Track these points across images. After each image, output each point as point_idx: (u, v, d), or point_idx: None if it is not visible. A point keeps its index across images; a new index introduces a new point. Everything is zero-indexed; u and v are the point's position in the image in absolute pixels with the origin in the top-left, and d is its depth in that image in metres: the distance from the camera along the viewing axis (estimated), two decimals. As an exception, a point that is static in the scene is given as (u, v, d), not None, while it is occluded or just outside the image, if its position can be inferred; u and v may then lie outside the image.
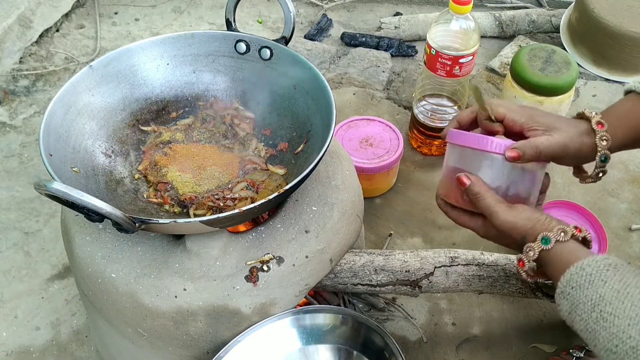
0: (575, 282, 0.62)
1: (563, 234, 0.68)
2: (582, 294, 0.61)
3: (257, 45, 0.97)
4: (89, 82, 0.91)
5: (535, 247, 0.68)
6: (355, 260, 0.93)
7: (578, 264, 0.63)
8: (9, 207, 1.30)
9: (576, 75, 1.19)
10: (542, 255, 0.68)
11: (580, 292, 0.62)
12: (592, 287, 0.61)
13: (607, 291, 0.60)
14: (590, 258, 0.64)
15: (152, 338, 0.83)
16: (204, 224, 0.73)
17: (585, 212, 1.20)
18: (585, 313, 0.61)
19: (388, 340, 0.82)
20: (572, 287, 0.62)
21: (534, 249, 0.69)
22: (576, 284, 0.62)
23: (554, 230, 0.68)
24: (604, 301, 0.59)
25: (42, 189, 0.65)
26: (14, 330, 1.10)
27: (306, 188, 0.89)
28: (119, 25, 1.82)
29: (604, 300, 0.59)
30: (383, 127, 1.27)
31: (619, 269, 0.61)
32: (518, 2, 1.81)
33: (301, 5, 1.87)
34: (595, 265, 0.62)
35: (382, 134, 1.26)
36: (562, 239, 0.67)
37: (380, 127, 1.28)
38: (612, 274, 0.61)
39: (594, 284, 0.61)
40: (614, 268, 0.62)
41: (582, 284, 0.62)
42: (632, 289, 0.59)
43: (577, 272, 0.63)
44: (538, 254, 0.68)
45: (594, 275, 0.61)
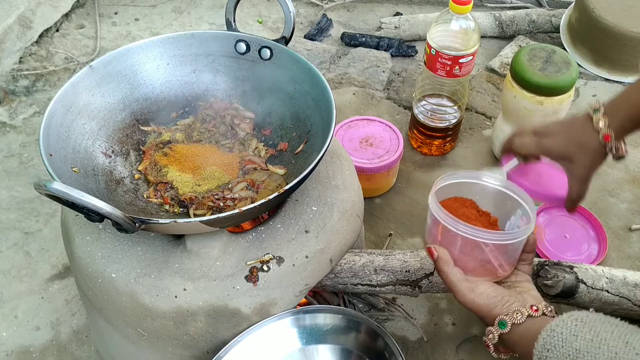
0: (550, 344, 0.64)
1: (520, 316, 0.69)
2: (560, 352, 0.63)
3: (257, 45, 0.97)
4: (89, 82, 0.91)
5: (494, 331, 0.71)
6: (355, 260, 0.93)
7: (547, 327, 0.65)
8: (9, 207, 1.30)
9: (576, 75, 1.19)
10: (503, 337, 0.71)
11: (556, 351, 0.63)
12: (566, 344, 0.62)
13: (582, 343, 0.61)
14: (558, 319, 0.65)
15: (152, 338, 0.83)
16: (204, 224, 0.73)
17: (585, 212, 1.20)
18: None
19: (388, 340, 0.82)
20: (548, 349, 0.64)
21: (493, 332, 0.71)
22: (550, 345, 0.64)
23: (510, 313, 0.70)
24: (580, 353, 0.61)
25: (42, 189, 0.65)
26: (14, 330, 1.10)
27: (306, 188, 0.89)
28: (119, 25, 1.82)
29: (581, 352, 0.61)
30: (383, 127, 1.27)
31: (586, 322, 0.63)
32: (518, 2, 1.81)
33: (301, 5, 1.87)
34: (563, 324, 0.64)
35: (382, 134, 1.26)
36: (518, 321, 0.69)
37: (380, 127, 1.28)
38: (581, 327, 0.63)
39: (567, 341, 0.62)
40: (582, 322, 0.63)
41: (556, 344, 0.63)
42: (603, 334, 0.61)
43: (549, 335, 0.64)
44: (497, 337, 0.71)
45: (565, 333, 0.63)
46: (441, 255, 0.75)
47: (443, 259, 0.75)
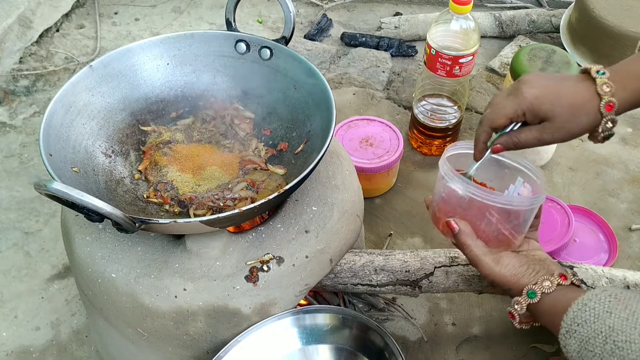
0: (581, 318, 0.61)
1: (549, 285, 0.67)
2: (591, 328, 0.60)
3: (257, 45, 0.97)
4: (89, 82, 0.91)
5: (522, 302, 0.69)
6: (355, 260, 0.93)
7: (579, 300, 0.63)
8: (9, 207, 1.30)
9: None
10: (531, 307, 0.68)
11: (587, 327, 0.61)
12: (599, 320, 0.60)
13: (616, 321, 0.59)
14: (590, 293, 0.63)
15: (152, 338, 0.83)
16: (204, 224, 0.73)
17: (593, 215, 1.19)
18: (597, 347, 0.60)
19: (388, 340, 0.82)
20: (578, 324, 0.61)
21: (520, 303, 0.69)
22: (581, 320, 0.61)
23: (539, 282, 0.68)
24: (614, 331, 0.59)
25: (42, 189, 0.65)
26: (14, 330, 1.10)
27: (306, 188, 0.89)
28: (119, 25, 1.82)
29: (615, 331, 0.59)
30: (383, 127, 1.27)
31: (621, 298, 0.61)
32: (518, 2, 1.81)
33: (301, 5, 1.87)
34: (596, 299, 0.62)
35: (382, 134, 1.26)
36: (548, 291, 0.67)
37: (380, 127, 1.27)
38: (615, 304, 0.60)
39: (600, 317, 0.60)
40: (615, 298, 0.61)
41: (588, 319, 0.61)
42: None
43: (581, 309, 0.62)
44: (525, 307, 0.69)
45: (598, 308, 0.61)
46: (463, 228, 0.72)
47: (465, 232, 0.72)
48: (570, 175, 1.33)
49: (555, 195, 1.27)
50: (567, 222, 1.13)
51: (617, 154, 1.38)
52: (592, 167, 1.34)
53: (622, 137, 1.42)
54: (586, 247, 1.16)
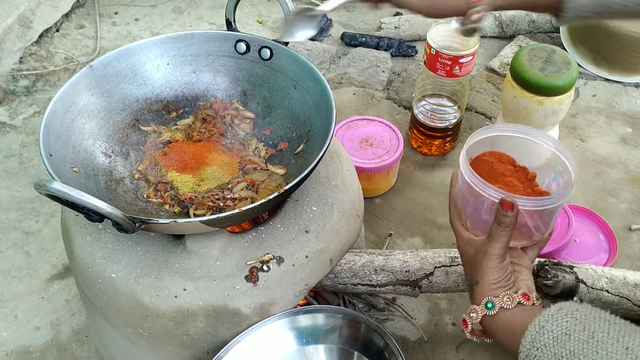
0: (539, 342, 0.59)
1: (509, 301, 0.66)
2: (550, 352, 0.58)
3: (257, 45, 0.97)
4: (89, 82, 0.91)
5: (478, 311, 0.67)
6: (355, 260, 0.93)
7: (535, 322, 0.60)
8: (9, 207, 1.30)
9: (576, 75, 1.19)
10: (486, 320, 0.67)
11: (547, 351, 0.58)
12: (558, 344, 0.58)
13: (576, 344, 0.57)
14: (546, 313, 0.61)
15: (152, 338, 0.83)
16: (204, 224, 0.73)
17: (593, 215, 1.20)
18: None
19: (388, 340, 0.82)
20: (537, 348, 0.59)
21: (477, 312, 0.67)
22: (540, 344, 0.59)
23: (500, 296, 0.66)
24: (575, 356, 0.56)
25: (42, 189, 0.65)
26: (14, 330, 1.10)
27: (306, 188, 0.89)
28: (119, 25, 1.82)
29: (576, 355, 0.56)
30: (383, 127, 1.27)
31: (578, 318, 0.59)
32: (518, 2, 1.81)
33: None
34: (553, 320, 0.59)
35: (382, 134, 1.26)
36: (507, 307, 0.65)
37: (380, 127, 1.27)
38: (574, 325, 0.58)
39: (559, 340, 0.58)
40: (573, 317, 0.59)
41: (547, 343, 0.59)
42: (600, 335, 0.56)
43: (538, 332, 0.60)
44: (481, 317, 0.67)
45: (556, 330, 0.58)
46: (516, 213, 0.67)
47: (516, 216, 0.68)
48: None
49: (555, 195, 1.27)
50: (567, 222, 1.13)
51: (617, 154, 1.38)
52: (592, 167, 1.34)
53: (622, 137, 1.42)
54: (586, 247, 1.16)
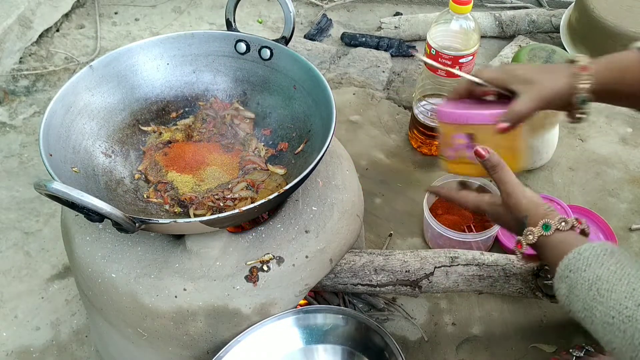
0: (574, 265, 0.65)
1: (564, 224, 0.70)
2: (580, 276, 0.64)
3: (257, 45, 0.97)
4: (89, 82, 0.91)
5: (535, 232, 0.71)
6: (355, 260, 0.93)
7: (576, 249, 0.66)
8: (9, 207, 1.30)
9: (576, 75, 1.19)
10: (540, 240, 0.71)
11: (578, 274, 0.64)
12: (589, 269, 0.64)
13: (604, 272, 0.63)
14: (588, 244, 0.67)
15: (152, 338, 0.83)
16: (204, 224, 0.73)
17: (592, 214, 1.19)
18: (582, 292, 0.64)
19: (388, 340, 0.82)
20: (571, 270, 0.65)
21: (534, 233, 0.71)
22: (574, 267, 0.65)
23: (556, 219, 0.71)
24: (600, 280, 0.63)
25: (42, 189, 0.65)
26: (14, 330, 1.10)
27: (306, 188, 0.89)
28: (119, 25, 1.82)
29: (601, 279, 0.63)
30: None
31: (615, 254, 0.65)
32: (518, 2, 1.81)
33: (301, 5, 1.87)
34: (592, 250, 0.65)
35: None
36: (562, 228, 0.70)
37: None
38: (609, 258, 0.64)
39: (591, 267, 0.64)
40: (610, 253, 0.65)
41: (580, 267, 0.65)
42: (628, 269, 0.62)
43: (575, 257, 0.65)
44: (537, 238, 0.71)
45: (591, 259, 0.64)
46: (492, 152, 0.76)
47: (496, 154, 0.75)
48: (570, 175, 1.33)
49: (555, 195, 1.27)
50: None
51: (617, 154, 1.38)
52: (592, 167, 1.34)
53: (622, 137, 1.42)
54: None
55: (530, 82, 0.77)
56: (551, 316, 1.08)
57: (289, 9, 0.92)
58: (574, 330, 1.05)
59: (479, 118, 0.78)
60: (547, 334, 1.06)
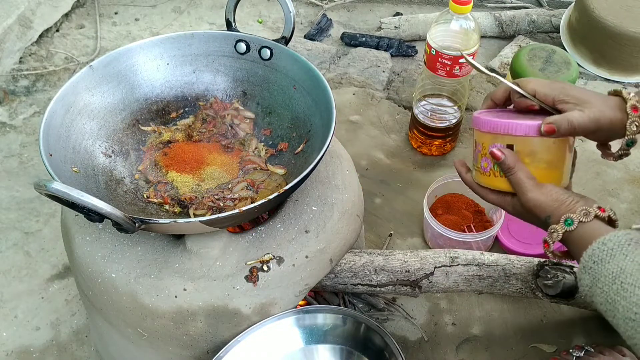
0: (597, 256, 0.64)
1: (586, 215, 0.69)
2: (604, 267, 0.63)
3: (257, 45, 0.97)
4: (89, 82, 0.91)
5: (558, 229, 0.70)
6: (355, 260, 0.93)
7: (600, 239, 0.65)
8: (9, 207, 1.30)
9: (576, 75, 1.19)
10: (565, 236, 0.70)
11: (601, 266, 0.63)
12: (613, 260, 0.62)
13: (628, 264, 0.61)
14: (612, 233, 0.65)
15: (152, 338, 0.83)
16: (204, 224, 0.73)
17: None
18: (606, 285, 0.62)
19: (388, 340, 0.82)
20: (594, 261, 0.64)
21: (557, 230, 0.70)
22: (598, 258, 0.64)
23: (577, 211, 0.69)
24: (624, 273, 0.61)
25: (42, 189, 0.65)
26: (14, 330, 1.10)
27: (306, 188, 0.89)
28: (119, 25, 1.82)
29: (625, 272, 0.61)
30: None
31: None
32: (518, 2, 1.81)
33: (301, 5, 1.87)
34: (616, 240, 0.64)
35: None
36: (585, 220, 0.68)
37: None
38: (634, 249, 0.62)
39: (615, 258, 0.62)
40: (636, 243, 0.63)
41: (603, 258, 0.63)
42: None
43: (599, 247, 0.64)
44: (562, 235, 0.69)
45: (615, 249, 0.63)
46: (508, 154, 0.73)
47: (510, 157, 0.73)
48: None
49: (555, 195, 1.27)
50: None
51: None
52: (592, 167, 1.34)
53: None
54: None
55: (587, 103, 0.72)
56: (551, 316, 1.08)
57: (289, 9, 0.92)
58: (574, 330, 1.05)
59: (523, 129, 0.73)
60: (547, 334, 1.06)
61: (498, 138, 0.75)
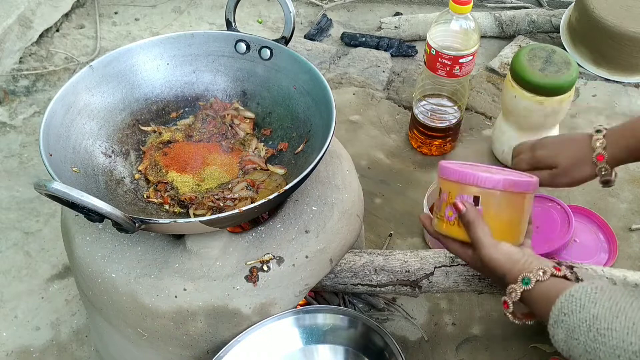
0: (567, 308, 0.64)
1: (542, 274, 0.70)
2: (576, 318, 0.63)
3: (257, 45, 0.97)
4: (89, 82, 0.91)
5: (517, 288, 0.71)
6: (355, 260, 0.93)
7: (567, 292, 0.65)
8: (9, 207, 1.30)
9: (576, 75, 1.19)
10: (524, 295, 0.71)
11: (573, 317, 0.63)
12: (584, 310, 0.63)
13: (599, 310, 0.62)
14: (577, 285, 0.66)
15: (152, 338, 0.83)
16: (204, 224, 0.73)
17: (592, 214, 1.19)
18: (582, 335, 0.62)
19: (388, 340, 0.82)
20: (565, 313, 0.64)
21: (515, 290, 0.71)
22: (568, 310, 0.64)
23: (534, 270, 0.70)
24: (597, 319, 0.62)
25: (42, 189, 0.65)
26: (14, 330, 1.10)
27: (306, 188, 0.89)
28: (119, 25, 1.82)
29: (598, 319, 0.61)
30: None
31: (605, 290, 0.64)
32: (518, 2, 1.81)
33: (301, 5, 1.87)
34: (582, 290, 0.65)
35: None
36: (542, 279, 0.69)
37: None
38: (600, 295, 0.63)
39: (585, 307, 0.63)
40: (601, 290, 0.64)
41: (574, 309, 0.64)
42: (622, 304, 0.61)
43: (567, 300, 0.65)
44: (520, 294, 0.71)
45: (584, 299, 0.64)
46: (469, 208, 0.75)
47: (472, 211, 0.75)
48: (570, 175, 1.33)
49: (555, 195, 1.27)
50: (567, 222, 1.13)
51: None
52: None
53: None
54: (586, 247, 1.16)
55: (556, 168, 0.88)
56: (551, 316, 1.08)
57: (289, 9, 0.92)
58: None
59: (491, 182, 0.74)
60: (547, 334, 1.05)
61: (465, 189, 0.76)
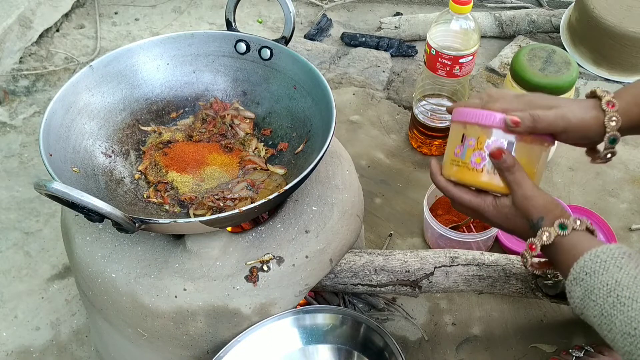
0: (590, 268, 0.62)
1: (579, 223, 0.68)
2: (597, 279, 0.61)
3: (257, 45, 0.97)
4: (89, 82, 0.91)
5: (551, 232, 0.68)
6: (355, 260, 0.93)
7: (592, 251, 0.63)
8: (9, 207, 1.30)
9: (576, 75, 1.19)
10: (555, 241, 0.68)
11: (595, 278, 0.61)
12: (607, 273, 0.61)
13: (624, 277, 0.60)
14: (604, 246, 0.64)
15: (152, 338, 0.83)
16: (204, 224, 0.73)
17: (592, 214, 1.20)
18: (600, 298, 0.61)
19: (388, 340, 0.82)
20: (587, 273, 0.62)
21: (550, 233, 0.68)
22: (590, 270, 0.62)
23: (571, 218, 0.68)
24: (620, 286, 0.59)
25: (42, 189, 0.65)
26: (14, 330, 1.10)
27: (306, 188, 0.89)
28: (119, 25, 1.82)
29: (621, 285, 0.59)
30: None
31: (633, 257, 0.62)
32: (518, 2, 1.81)
33: (301, 5, 1.87)
34: (609, 252, 0.62)
35: None
36: (578, 228, 0.67)
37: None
38: (627, 261, 0.61)
39: (609, 270, 0.61)
40: (629, 256, 0.62)
41: (596, 270, 0.62)
42: None
43: (592, 259, 0.63)
44: (554, 239, 0.68)
45: (609, 262, 0.61)
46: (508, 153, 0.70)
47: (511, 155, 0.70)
48: (570, 175, 1.33)
49: (555, 195, 1.27)
50: None
51: (617, 154, 1.38)
52: (592, 167, 1.34)
53: (622, 137, 1.42)
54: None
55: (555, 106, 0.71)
56: (551, 316, 1.08)
57: (289, 9, 0.92)
58: (574, 330, 1.05)
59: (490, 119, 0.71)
60: (547, 334, 1.06)
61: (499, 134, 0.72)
